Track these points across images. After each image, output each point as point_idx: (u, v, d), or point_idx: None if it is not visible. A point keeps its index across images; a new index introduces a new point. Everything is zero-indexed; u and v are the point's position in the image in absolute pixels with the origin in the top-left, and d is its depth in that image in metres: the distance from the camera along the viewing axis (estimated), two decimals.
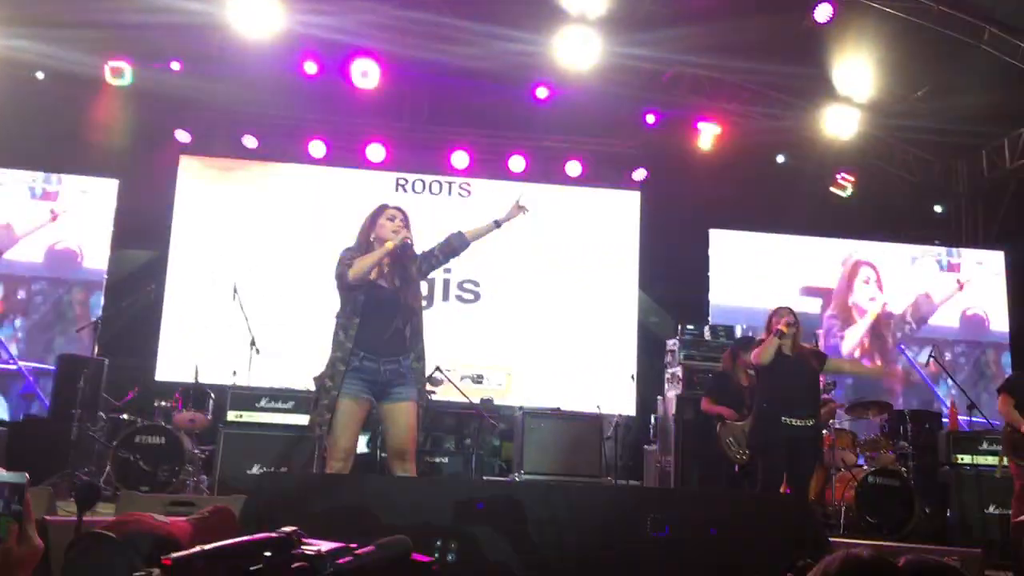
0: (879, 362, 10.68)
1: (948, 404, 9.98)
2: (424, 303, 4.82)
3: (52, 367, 8.99)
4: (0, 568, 1.79)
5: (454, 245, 4.83)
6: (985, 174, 11.13)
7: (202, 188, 10.14)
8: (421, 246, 4.74)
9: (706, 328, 8.98)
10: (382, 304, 4.48)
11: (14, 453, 7.27)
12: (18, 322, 9.70)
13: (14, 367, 9.57)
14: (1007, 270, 10.95)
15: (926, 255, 11.05)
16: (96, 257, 9.85)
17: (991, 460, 7.78)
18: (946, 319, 10.91)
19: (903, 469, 7.54)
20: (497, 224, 5.09)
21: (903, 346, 10.39)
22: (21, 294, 9.73)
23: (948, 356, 10.54)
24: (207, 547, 1.32)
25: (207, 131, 10.07)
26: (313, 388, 4.54)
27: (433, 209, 9.75)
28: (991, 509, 7.47)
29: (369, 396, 4.43)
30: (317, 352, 4.67)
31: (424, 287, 4.75)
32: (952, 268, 11.01)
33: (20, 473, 1.81)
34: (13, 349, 9.64)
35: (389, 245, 4.45)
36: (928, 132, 10.25)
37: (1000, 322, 10.90)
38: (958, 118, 9.74)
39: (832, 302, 10.81)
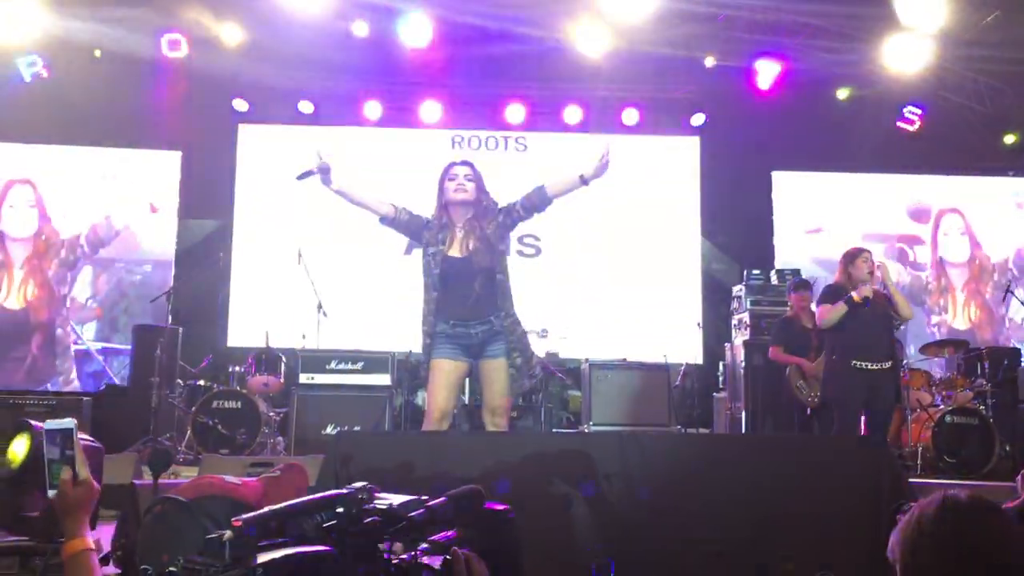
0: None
1: None
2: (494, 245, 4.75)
3: (120, 346, 9.30)
4: (59, 509, 1.87)
5: (534, 201, 4.75)
6: None
7: (262, 156, 10.24)
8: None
9: (772, 272, 8.84)
10: (459, 273, 4.53)
11: (97, 423, 7.52)
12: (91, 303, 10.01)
13: (84, 346, 9.87)
14: None
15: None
16: (161, 231, 10.06)
17: None
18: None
19: (981, 407, 7.36)
20: (584, 180, 4.87)
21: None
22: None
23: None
24: (277, 507, 1.34)
25: (263, 99, 10.14)
26: (386, 350, 4.67)
27: (490, 165, 9.67)
28: None
29: (465, 358, 4.51)
30: (383, 312, 4.74)
31: (490, 224, 4.69)
32: None
33: (68, 419, 1.88)
34: (86, 331, 9.95)
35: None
36: (999, 61, 9.80)
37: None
38: None
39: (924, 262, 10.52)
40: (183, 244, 10.09)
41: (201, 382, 7.95)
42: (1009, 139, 10.80)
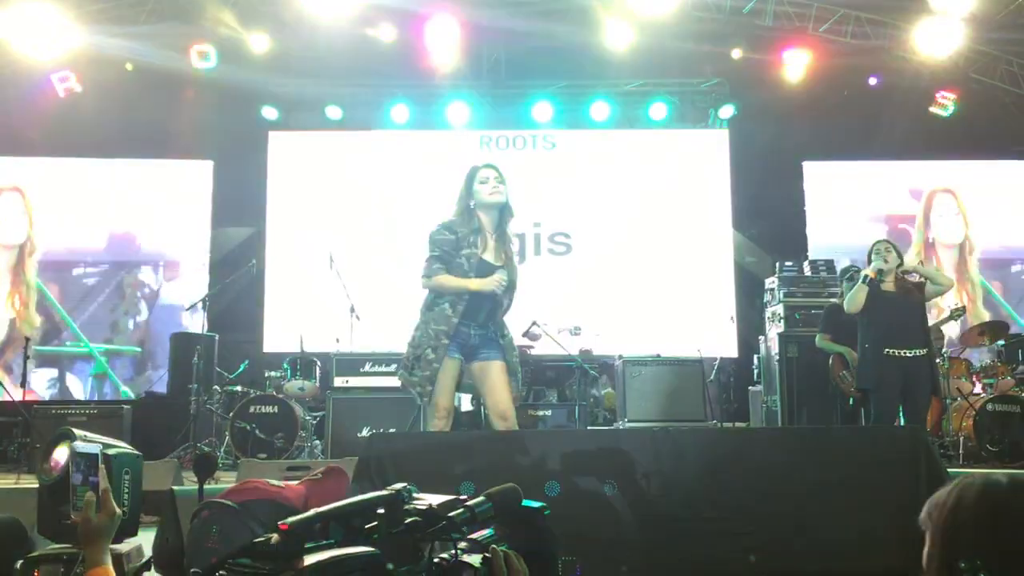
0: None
1: None
2: (515, 259, 4.85)
3: (121, 347, 9.51)
4: (82, 536, 1.87)
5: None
6: None
7: (292, 162, 10.34)
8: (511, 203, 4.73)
9: (805, 264, 8.76)
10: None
11: (138, 430, 7.63)
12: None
13: (85, 350, 10.03)
14: None
15: None
16: (192, 238, 10.21)
17: None
18: (989, 239, 10.42)
19: (1023, 394, 7.25)
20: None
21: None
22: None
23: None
24: (322, 509, 1.37)
25: (292, 106, 10.25)
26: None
27: (519, 164, 9.71)
28: None
29: (459, 356, 4.53)
30: (414, 314, 4.76)
31: (516, 243, 4.80)
32: None
33: (95, 444, 1.89)
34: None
35: (476, 286, 4.45)
36: None
37: None
38: None
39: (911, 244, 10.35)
40: (217, 252, 10.21)
41: (238, 388, 8.04)
42: None
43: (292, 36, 9.24)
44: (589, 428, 8.11)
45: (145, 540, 3.55)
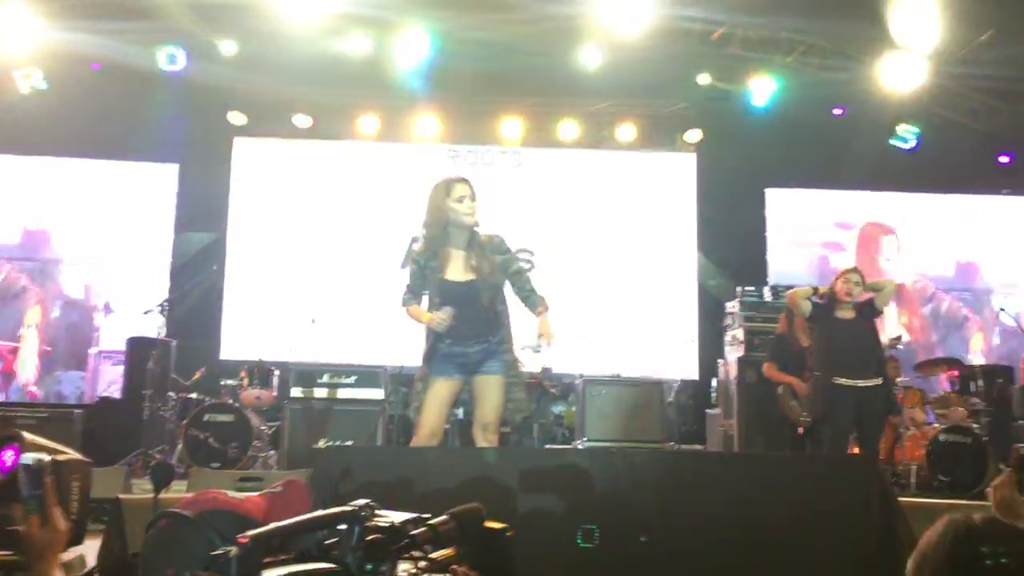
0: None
1: None
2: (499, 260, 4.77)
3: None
4: (27, 551, 1.78)
5: (524, 294, 4.78)
6: None
7: (258, 169, 10.27)
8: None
9: (765, 289, 8.86)
10: (462, 296, 4.51)
11: (89, 435, 7.49)
12: None
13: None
14: None
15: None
16: (153, 241, 10.06)
17: None
18: (942, 267, 10.62)
19: (975, 426, 7.37)
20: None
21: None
22: None
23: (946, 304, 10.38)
24: (282, 524, 1.34)
25: (260, 113, 10.17)
26: (379, 364, 4.65)
27: (486, 180, 9.69)
28: None
29: (460, 376, 4.52)
30: (376, 326, 4.75)
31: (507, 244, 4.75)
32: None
33: (40, 455, 1.82)
34: None
35: (425, 320, 4.46)
36: (993, 79, 9.87)
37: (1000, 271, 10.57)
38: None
39: None
40: (179, 257, 10.08)
41: (194, 395, 7.93)
42: (1003, 158, 10.86)
43: (262, 43, 9.16)
44: (547, 447, 8.12)
45: (90, 549, 3.48)
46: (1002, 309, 9.31)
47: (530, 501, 3.79)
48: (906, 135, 10.23)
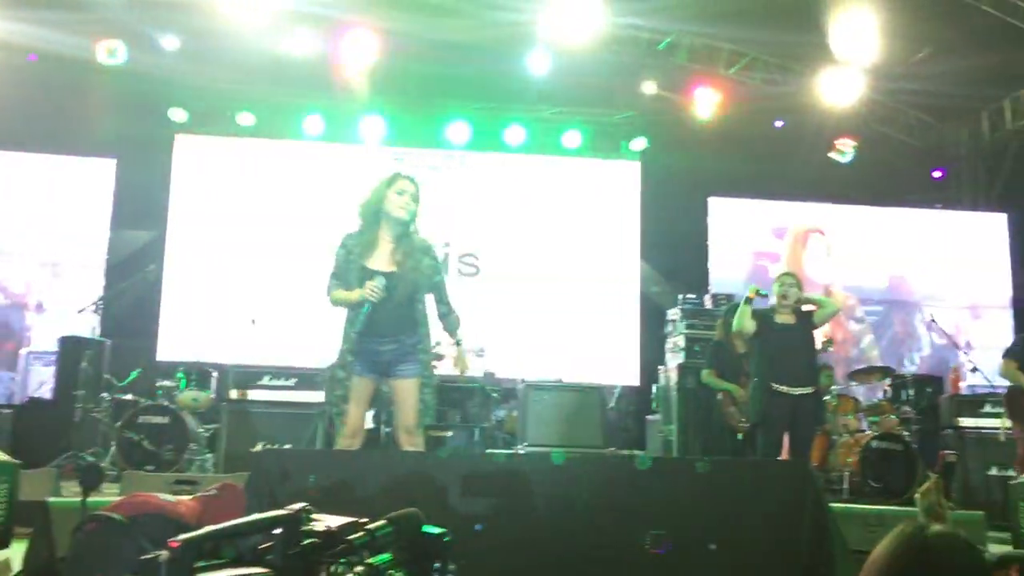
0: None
1: None
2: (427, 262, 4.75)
3: None
4: None
5: (444, 320, 4.78)
6: (986, 137, 11.07)
7: (199, 167, 10.10)
8: (422, 222, 4.68)
9: (706, 297, 8.99)
10: (386, 289, 4.45)
11: (18, 436, 7.28)
12: None
13: None
14: (1010, 233, 10.92)
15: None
16: (90, 238, 9.83)
17: (994, 423, 7.78)
18: (875, 280, 10.87)
19: (906, 433, 7.55)
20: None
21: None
22: None
23: (876, 315, 10.65)
24: (215, 527, 1.32)
25: (203, 110, 10.01)
26: (320, 367, 4.59)
27: (432, 183, 9.67)
28: (993, 471, 7.49)
29: (373, 375, 4.47)
30: (316, 328, 4.70)
31: (438, 249, 4.75)
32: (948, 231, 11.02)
33: None
34: None
35: (355, 297, 4.40)
36: (929, 95, 10.17)
37: (929, 284, 10.89)
38: (959, 80, 9.68)
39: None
40: (115, 254, 9.86)
41: (128, 396, 7.75)
42: (936, 173, 11.13)
43: (205, 39, 9.03)
44: (487, 451, 8.10)
45: (16, 553, 3.38)
46: (932, 321, 9.55)
47: (470, 505, 3.78)
48: (844, 148, 10.47)
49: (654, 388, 9.12)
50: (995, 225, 11.01)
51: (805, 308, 6.18)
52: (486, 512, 3.78)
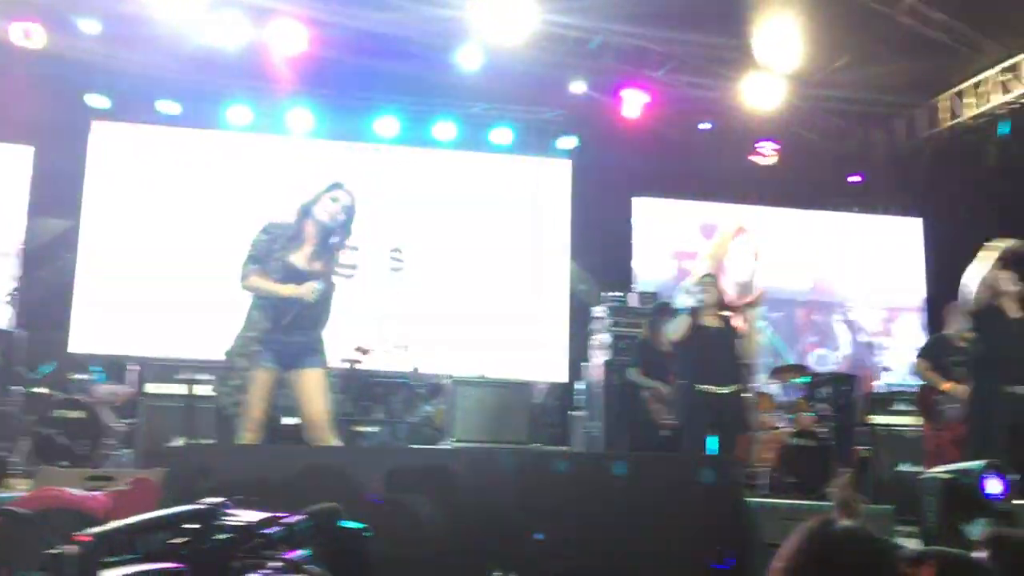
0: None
1: None
2: (351, 272, 4.78)
3: None
4: None
5: None
6: (901, 142, 11.44)
7: (118, 155, 9.80)
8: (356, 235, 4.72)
9: (631, 295, 9.11)
10: (301, 283, 4.49)
11: None
12: None
13: None
14: (924, 237, 11.31)
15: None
16: (10, 226, 9.48)
17: (905, 420, 8.03)
18: (798, 281, 11.13)
19: (822, 430, 7.76)
20: None
21: None
22: None
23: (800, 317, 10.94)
24: (127, 521, 1.30)
25: (123, 97, 9.74)
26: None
27: (359, 177, 9.57)
28: (905, 467, 7.74)
29: (275, 366, 4.45)
30: (240, 323, 4.62)
31: (354, 256, 4.74)
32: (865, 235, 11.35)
33: None
34: None
35: (288, 292, 4.36)
36: (848, 101, 10.48)
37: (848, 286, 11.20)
38: (876, 87, 10.01)
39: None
40: (31, 243, 9.53)
41: (43, 390, 7.52)
42: (854, 178, 11.46)
43: (128, 23, 8.78)
44: (412, 446, 8.09)
45: None
46: (849, 321, 9.84)
47: (394, 500, 3.77)
48: (766, 151, 10.71)
49: (579, 385, 9.20)
50: (910, 229, 11.39)
51: (733, 312, 6.31)
52: (412, 506, 3.78)
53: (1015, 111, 9.82)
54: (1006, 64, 9.64)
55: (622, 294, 9.09)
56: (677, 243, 10.89)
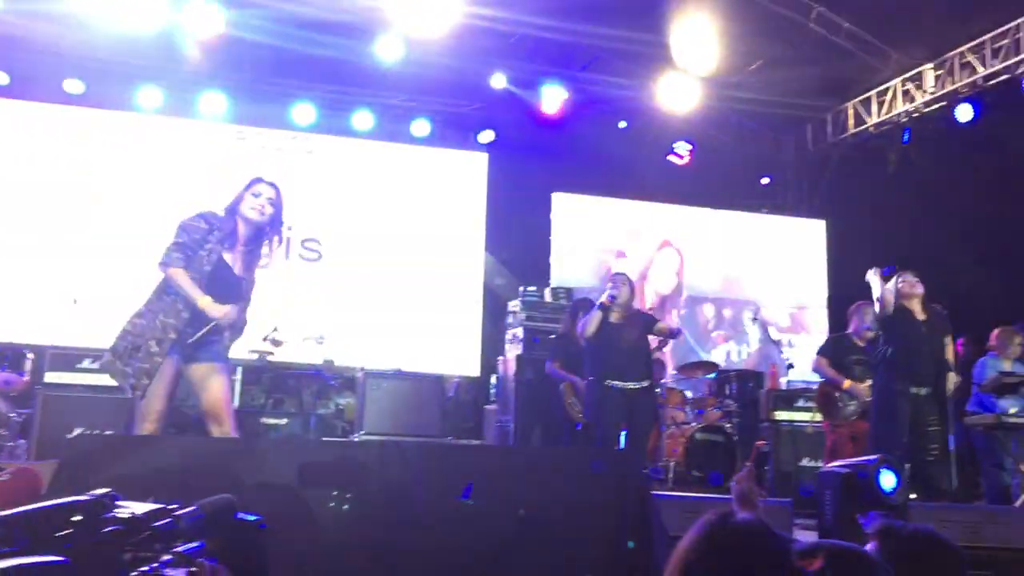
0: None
1: None
2: (264, 262, 4.74)
3: None
4: None
5: None
6: (810, 147, 11.79)
7: (17, 134, 9.40)
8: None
9: (546, 290, 9.17)
10: (229, 286, 4.44)
11: None
12: None
13: None
14: (828, 238, 11.67)
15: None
16: None
17: (805, 416, 8.27)
18: (712, 280, 11.40)
19: (727, 425, 7.95)
20: None
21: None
22: None
23: (713, 314, 11.21)
24: (4, 513, 1.25)
25: (25, 74, 9.35)
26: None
27: (275, 165, 9.42)
28: (804, 462, 7.99)
29: (178, 357, 4.34)
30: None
31: (264, 246, 4.69)
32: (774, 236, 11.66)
33: None
34: None
35: (203, 305, 4.29)
36: (760, 104, 10.74)
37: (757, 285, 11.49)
38: (787, 92, 10.29)
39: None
40: None
41: None
42: (764, 180, 11.75)
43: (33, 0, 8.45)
44: (322, 439, 8.00)
45: None
46: (754, 319, 10.10)
47: (296, 494, 3.71)
48: (680, 152, 10.90)
49: (493, 379, 9.22)
50: (815, 230, 11.74)
51: (643, 311, 6.42)
52: (316, 500, 3.73)
53: (916, 119, 10.21)
54: (909, 74, 10.02)
55: (537, 289, 9.15)
56: (596, 240, 10.99)
